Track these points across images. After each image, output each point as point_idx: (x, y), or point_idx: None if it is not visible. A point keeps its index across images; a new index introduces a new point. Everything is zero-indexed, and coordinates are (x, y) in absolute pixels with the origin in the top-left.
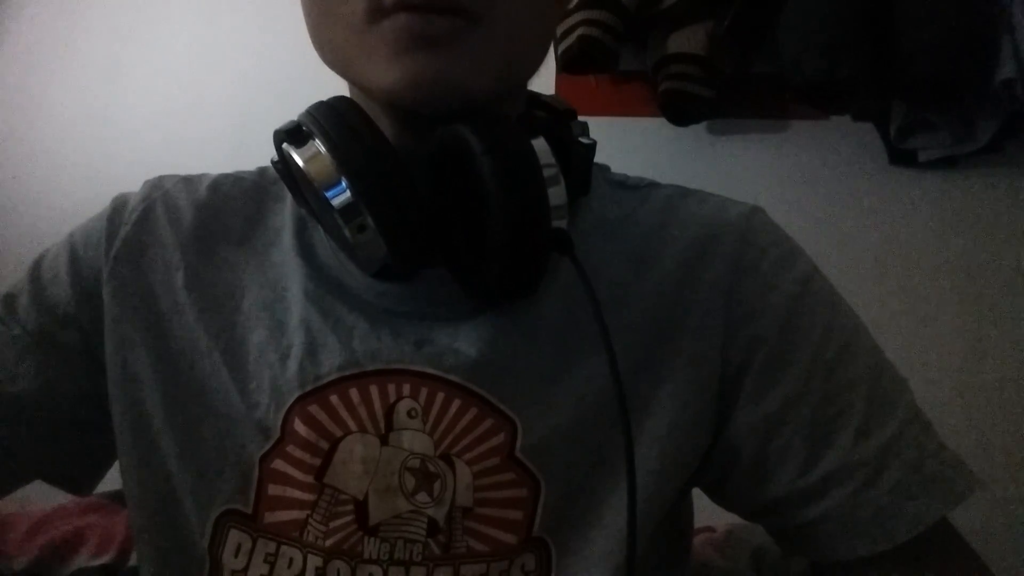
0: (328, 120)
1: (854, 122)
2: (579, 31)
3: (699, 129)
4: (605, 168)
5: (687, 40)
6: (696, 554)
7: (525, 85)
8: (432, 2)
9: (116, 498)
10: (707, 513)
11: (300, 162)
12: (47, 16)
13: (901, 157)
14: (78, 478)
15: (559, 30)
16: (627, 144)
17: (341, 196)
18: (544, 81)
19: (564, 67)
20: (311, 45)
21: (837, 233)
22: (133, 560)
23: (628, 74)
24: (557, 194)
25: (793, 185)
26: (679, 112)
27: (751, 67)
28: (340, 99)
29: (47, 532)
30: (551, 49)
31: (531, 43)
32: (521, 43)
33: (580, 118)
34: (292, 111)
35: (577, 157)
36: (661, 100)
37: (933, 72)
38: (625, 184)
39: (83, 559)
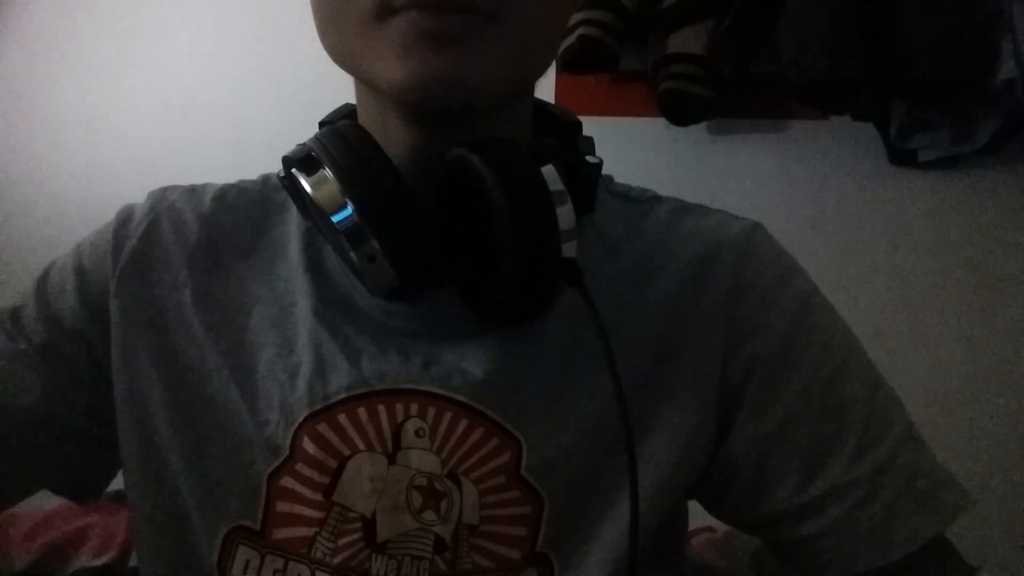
0: (337, 147)
1: (854, 122)
2: (579, 31)
3: (699, 129)
4: (609, 180)
5: (687, 40)
6: (696, 554)
7: (533, 85)
8: (444, 1)
9: (116, 498)
10: (707, 513)
11: (309, 189)
12: (47, 16)
13: (901, 157)
14: (83, 488)
15: None
16: (627, 144)
17: (349, 224)
18: (544, 81)
19: (564, 67)
20: (311, 46)
21: (837, 233)
22: (133, 560)
23: (628, 74)
24: (566, 220)
25: (793, 185)
26: (679, 112)
27: (751, 67)
28: (348, 125)
29: (48, 532)
30: None
31: (542, 42)
32: (532, 42)
33: (580, 118)
34: (292, 112)
35: (583, 177)
36: (661, 100)
37: (933, 72)
38: (628, 197)
39: (84, 559)
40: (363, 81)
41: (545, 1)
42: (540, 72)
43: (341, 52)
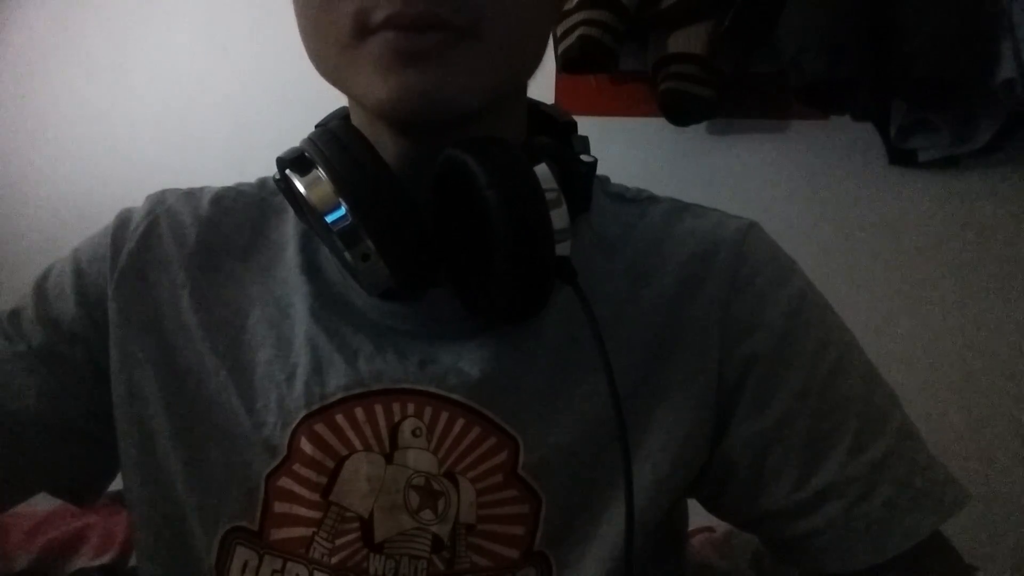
0: (330, 148)
1: (854, 122)
2: (579, 31)
3: (699, 129)
4: (605, 180)
5: (687, 40)
6: (696, 554)
7: (525, 86)
8: (417, 20)
9: (116, 498)
10: (707, 513)
11: (303, 189)
12: (47, 16)
13: (901, 157)
14: (82, 491)
15: (559, 30)
16: (627, 144)
17: (343, 224)
18: (544, 81)
19: (564, 67)
20: None
21: (837, 233)
22: (133, 560)
23: (628, 74)
24: (560, 220)
25: (793, 185)
26: (679, 112)
27: (751, 67)
28: (342, 126)
29: (48, 532)
30: (551, 49)
31: (524, 50)
32: (513, 51)
33: (580, 118)
34: (292, 111)
35: (578, 176)
36: (661, 100)
37: (933, 72)
38: (624, 197)
39: (84, 559)
40: (348, 95)
41: (524, 12)
42: (524, 78)
43: (325, 68)
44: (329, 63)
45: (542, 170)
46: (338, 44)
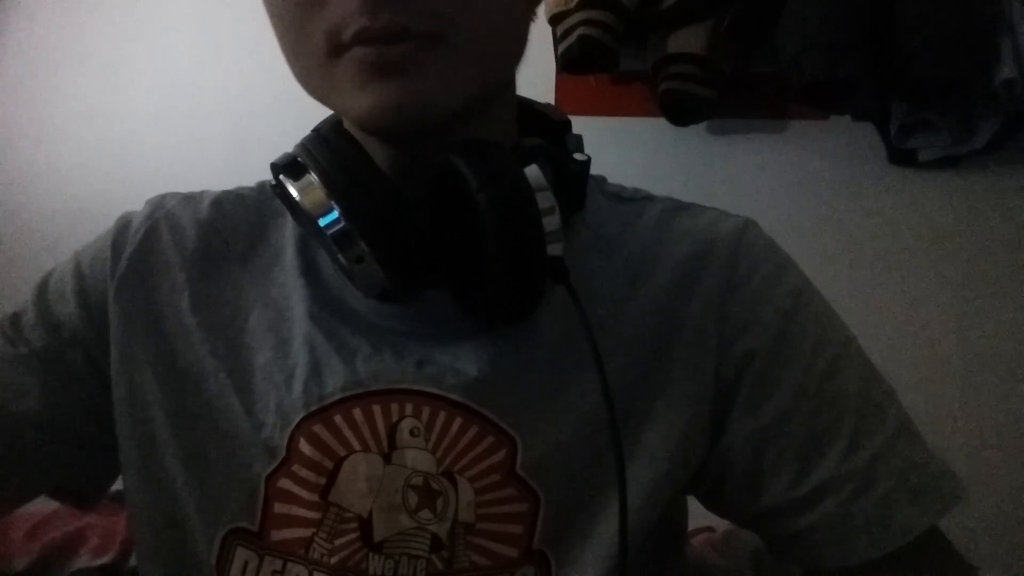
0: (322, 153)
1: (854, 122)
2: (579, 31)
3: (699, 129)
4: (601, 180)
5: (687, 40)
6: (696, 554)
7: (513, 85)
8: (385, 33)
9: (116, 498)
10: (707, 513)
11: (296, 195)
12: (48, 16)
13: (901, 157)
14: (83, 493)
15: (559, 30)
16: (627, 144)
17: (336, 227)
18: (544, 81)
19: (564, 67)
20: None
21: (837, 233)
22: (133, 560)
23: (628, 74)
24: (551, 221)
25: (793, 185)
26: (679, 112)
27: (751, 67)
28: (334, 130)
29: (48, 532)
30: (551, 49)
31: (499, 48)
32: (488, 51)
33: (580, 118)
34: (291, 112)
35: (571, 176)
36: (661, 100)
37: (933, 72)
38: (621, 197)
39: (83, 559)
40: (332, 110)
41: (494, 11)
42: (502, 78)
43: (306, 86)
44: (309, 81)
45: (532, 171)
46: (315, 63)
